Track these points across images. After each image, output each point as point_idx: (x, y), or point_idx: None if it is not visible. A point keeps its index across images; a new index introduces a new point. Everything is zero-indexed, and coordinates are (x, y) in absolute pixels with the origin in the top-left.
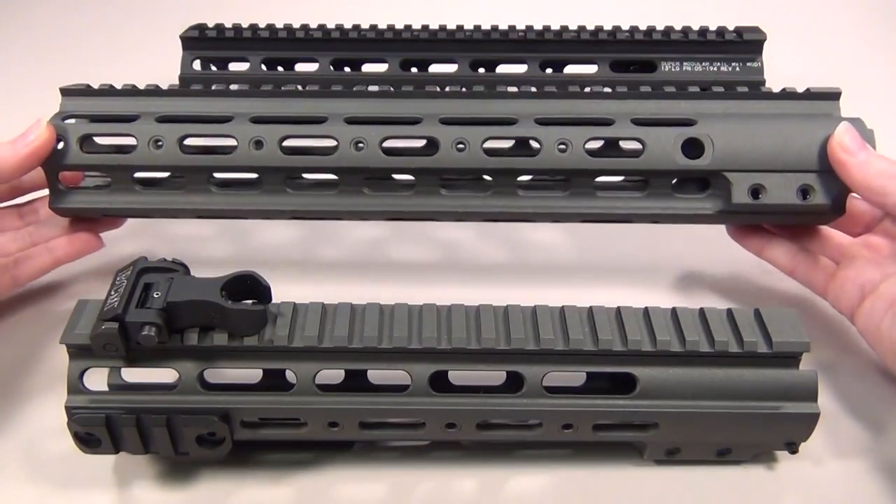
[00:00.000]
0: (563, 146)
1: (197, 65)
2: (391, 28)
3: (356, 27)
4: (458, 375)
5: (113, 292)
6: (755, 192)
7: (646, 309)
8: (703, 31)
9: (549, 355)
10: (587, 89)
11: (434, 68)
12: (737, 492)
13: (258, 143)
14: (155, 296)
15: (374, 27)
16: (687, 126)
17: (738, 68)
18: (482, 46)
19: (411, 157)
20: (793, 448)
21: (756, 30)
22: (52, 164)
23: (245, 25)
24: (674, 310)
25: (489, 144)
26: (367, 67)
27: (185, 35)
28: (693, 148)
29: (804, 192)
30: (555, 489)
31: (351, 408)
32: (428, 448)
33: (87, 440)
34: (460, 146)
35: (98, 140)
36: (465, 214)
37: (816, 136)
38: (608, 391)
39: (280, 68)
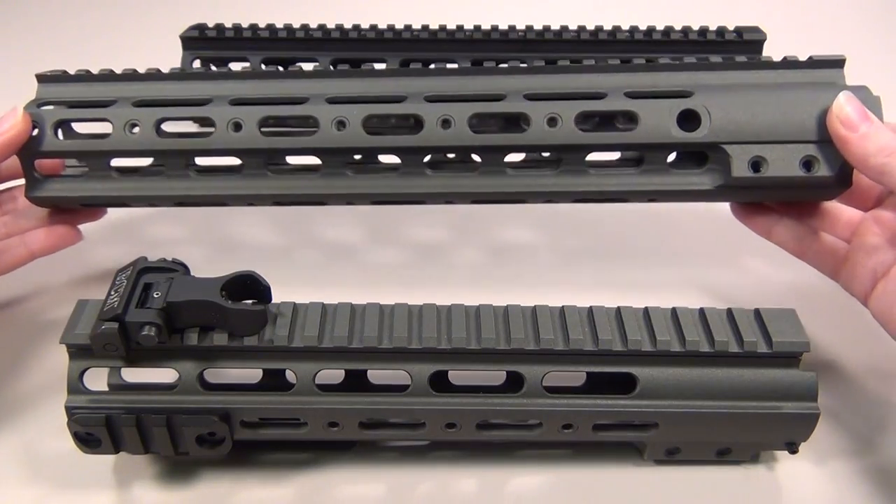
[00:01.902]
0: (552, 121)
1: (197, 65)
2: (391, 28)
3: (356, 27)
4: (458, 375)
5: (113, 292)
6: (756, 164)
7: (646, 309)
8: (703, 31)
9: (549, 355)
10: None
11: None
12: (737, 492)
13: (237, 126)
14: (155, 296)
15: (374, 27)
16: (683, 98)
17: None
18: (482, 46)
19: (395, 136)
20: (793, 448)
21: (756, 30)
22: (27, 152)
23: (245, 25)
24: (674, 310)
25: (476, 122)
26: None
27: (185, 35)
28: (689, 120)
29: (807, 164)
30: (555, 489)
31: (351, 408)
32: (428, 448)
33: (87, 440)
34: (446, 123)
35: (76, 127)
36: (453, 195)
37: (819, 105)
38: (608, 391)
39: (280, 68)
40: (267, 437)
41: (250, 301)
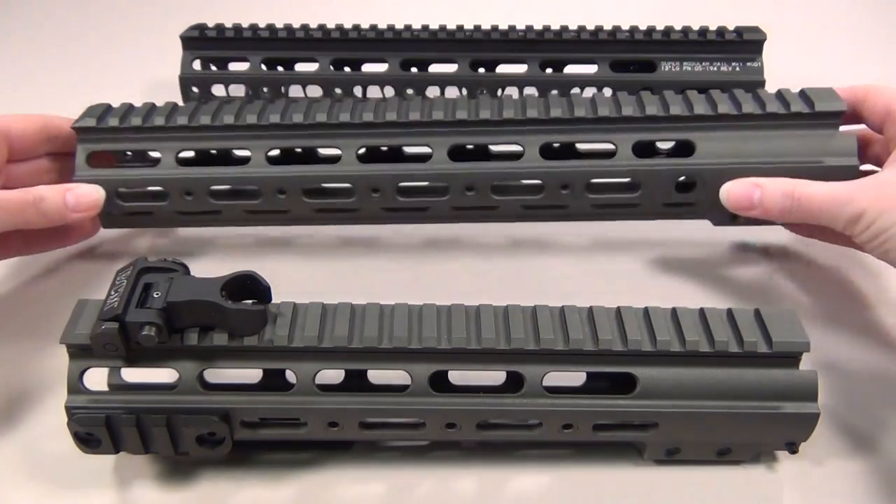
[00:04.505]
0: (565, 186)
1: (197, 65)
2: (391, 28)
3: (356, 27)
4: (458, 375)
5: (113, 292)
6: (734, 217)
7: (646, 309)
8: (703, 31)
9: (549, 355)
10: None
11: (434, 68)
12: (737, 492)
13: (281, 191)
14: (155, 296)
15: (374, 27)
16: (684, 156)
17: (738, 68)
18: (482, 46)
19: (424, 198)
20: (793, 448)
21: (756, 30)
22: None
23: (245, 25)
24: (674, 310)
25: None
26: (367, 67)
27: (185, 35)
28: (686, 186)
29: None
30: (555, 489)
31: (351, 408)
32: (428, 448)
33: (87, 440)
34: (469, 188)
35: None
36: (475, 218)
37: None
38: (608, 391)
39: (280, 68)
40: (267, 437)
41: (250, 301)
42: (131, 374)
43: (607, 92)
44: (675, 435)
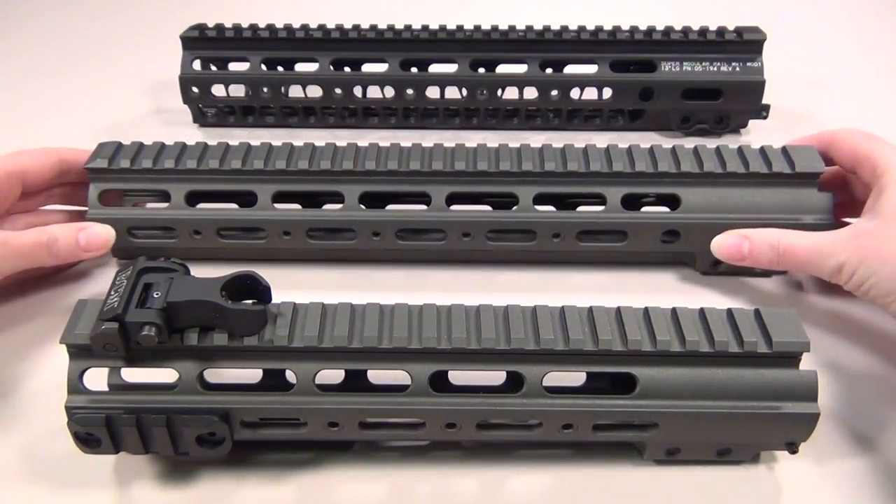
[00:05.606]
0: (557, 235)
1: (197, 65)
2: (391, 28)
3: (356, 27)
4: (458, 375)
5: (113, 292)
6: (715, 262)
7: (646, 309)
8: (703, 31)
9: (549, 355)
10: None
11: (434, 68)
12: (737, 492)
13: (287, 233)
14: (155, 296)
15: (374, 27)
16: (669, 204)
17: (738, 68)
18: (482, 46)
19: (423, 242)
20: (793, 448)
21: (756, 30)
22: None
23: (245, 25)
24: (674, 310)
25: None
26: (367, 67)
27: (185, 35)
28: (671, 234)
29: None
30: (555, 489)
31: (351, 408)
32: (428, 448)
33: (87, 440)
34: (466, 235)
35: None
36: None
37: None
38: (608, 391)
39: (280, 68)
40: (267, 437)
41: (250, 301)
42: (131, 374)
43: (607, 93)
44: (675, 435)
